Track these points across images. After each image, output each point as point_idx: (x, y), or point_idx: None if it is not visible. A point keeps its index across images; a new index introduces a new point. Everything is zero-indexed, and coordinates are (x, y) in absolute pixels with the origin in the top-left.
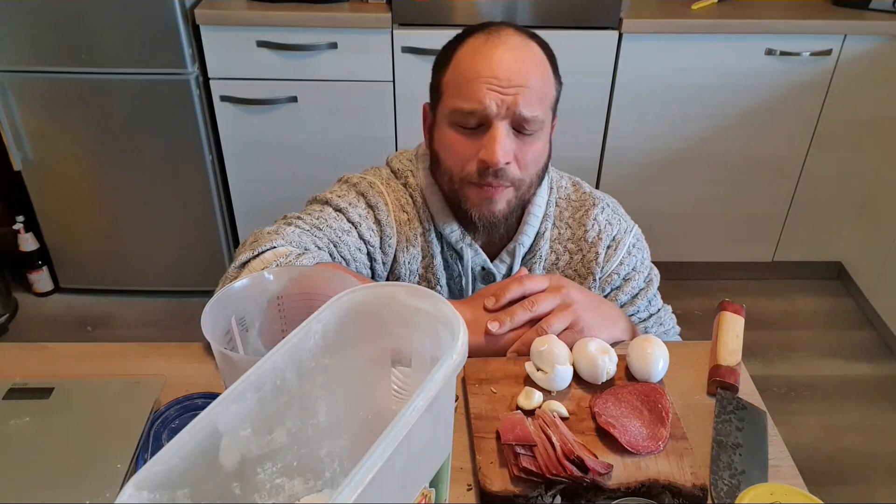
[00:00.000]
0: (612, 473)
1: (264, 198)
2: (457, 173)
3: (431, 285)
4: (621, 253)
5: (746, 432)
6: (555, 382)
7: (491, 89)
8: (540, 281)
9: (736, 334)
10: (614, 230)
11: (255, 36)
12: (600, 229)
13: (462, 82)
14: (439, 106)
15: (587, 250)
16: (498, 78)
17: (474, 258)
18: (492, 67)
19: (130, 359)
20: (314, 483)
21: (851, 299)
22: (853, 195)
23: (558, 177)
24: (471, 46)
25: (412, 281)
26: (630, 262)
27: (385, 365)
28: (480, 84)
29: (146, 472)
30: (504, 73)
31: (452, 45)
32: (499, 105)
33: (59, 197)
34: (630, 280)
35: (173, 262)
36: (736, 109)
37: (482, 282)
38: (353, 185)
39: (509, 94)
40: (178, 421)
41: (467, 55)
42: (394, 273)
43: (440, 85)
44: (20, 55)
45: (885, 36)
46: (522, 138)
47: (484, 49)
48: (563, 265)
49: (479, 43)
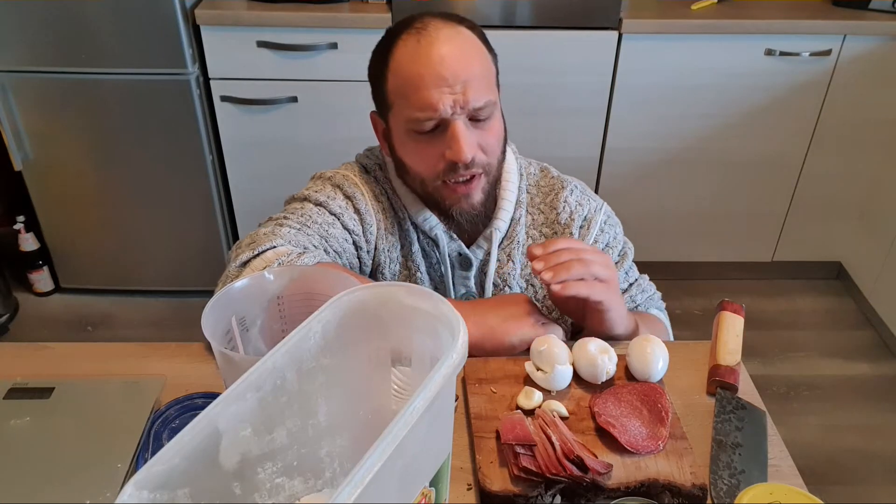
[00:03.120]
0: (611, 473)
1: (264, 197)
2: (428, 177)
3: (412, 272)
4: (594, 231)
5: (746, 432)
6: (555, 382)
7: (441, 92)
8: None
9: (736, 334)
10: (585, 210)
11: (256, 36)
12: (571, 210)
13: (409, 91)
14: (390, 116)
15: (561, 231)
16: (444, 78)
17: (450, 245)
18: (434, 68)
19: (130, 359)
20: (314, 483)
21: (851, 299)
22: (853, 195)
23: (526, 163)
24: (405, 50)
25: (392, 269)
26: (603, 239)
27: (385, 365)
28: (429, 89)
29: (146, 471)
30: (448, 70)
31: (383, 50)
32: (452, 106)
33: (59, 197)
34: None
35: (173, 262)
36: (736, 109)
37: (461, 268)
38: (327, 178)
39: (458, 92)
40: (179, 421)
41: (405, 60)
42: (375, 261)
43: (385, 94)
44: (20, 55)
45: (885, 36)
46: (481, 125)
47: (420, 50)
48: None
49: (413, 44)
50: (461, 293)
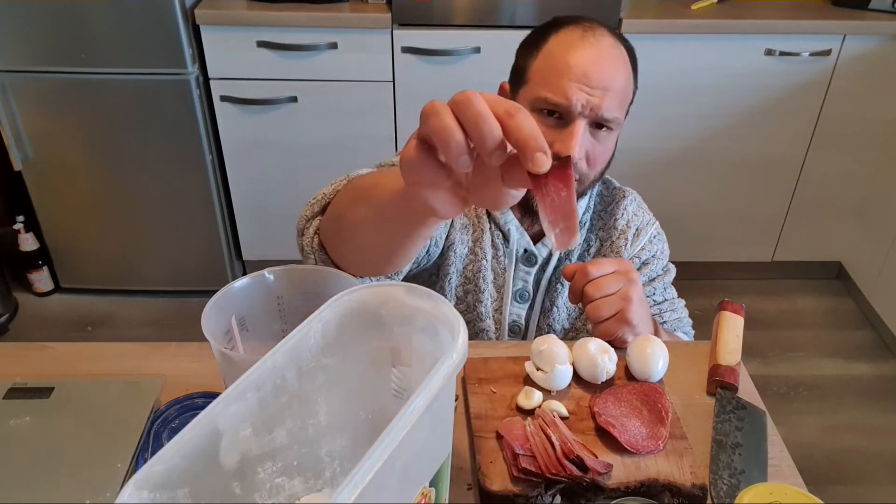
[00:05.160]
0: (611, 473)
1: (264, 197)
2: None
3: (478, 258)
4: (643, 240)
5: (746, 432)
6: (554, 382)
7: (580, 88)
8: (606, 266)
9: (736, 334)
10: (639, 220)
11: (255, 36)
12: (629, 219)
13: (552, 74)
14: (522, 89)
15: (616, 237)
16: (589, 78)
17: (519, 240)
18: (584, 66)
19: (130, 359)
20: (314, 483)
21: (851, 299)
22: (853, 195)
23: None
24: (565, 38)
25: (461, 251)
26: (651, 250)
27: (385, 365)
28: (571, 81)
29: (146, 471)
30: (595, 73)
31: (544, 31)
32: (584, 105)
33: (59, 197)
34: (649, 264)
35: (173, 262)
36: (736, 109)
37: (524, 263)
38: None
39: (595, 96)
40: (179, 420)
41: (561, 47)
42: (449, 238)
43: (527, 69)
44: (20, 55)
45: (885, 36)
46: (597, 136)
47: (580, 45)
48: (594, 251)
49: (576, 37)
50: (518, 287)
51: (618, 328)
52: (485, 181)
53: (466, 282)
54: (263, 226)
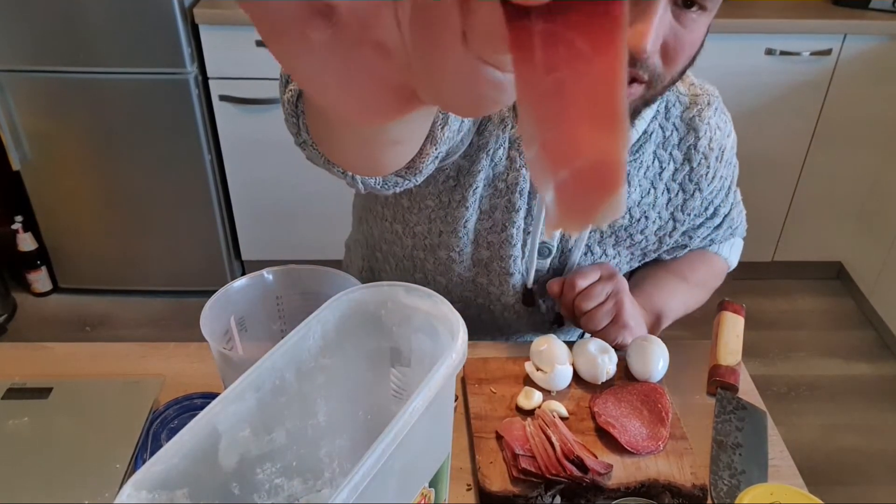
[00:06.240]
0: (611, 473)
1: (264, 197)
2: None
3: (516, 167)
4: (723, 164)
5: (746, 432)
6: (554, 382)
7: None
8: (591, 275)
9: (736, 334)
10: (722, 135)
11: (255, 35)
12: (712, 137)
13: None
14: None
15: (697, 162)
16: None
17: None
18: None
19: (130, 359)
20: (313, 483)
21: (851, 299)
22: (853, 195)
23: None
24: None
25: (497, 153)
26: (727, 174)
27: (384, 365)
28: None
29: (145, 471)
30: None
31: None
32: None
33: (57, 197)
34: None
35: (172, 262)
36: (736, 109)
37: None
38: None
39: None
40: (178, 421)
41: None
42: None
43: None
44: (18, 54)
45: (885, 36)
46: (683, 20)
47: None
48: (666, 178)
49: None
50: None
51: (617, 333)
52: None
53: (497, 194)
54: (262, 226)
